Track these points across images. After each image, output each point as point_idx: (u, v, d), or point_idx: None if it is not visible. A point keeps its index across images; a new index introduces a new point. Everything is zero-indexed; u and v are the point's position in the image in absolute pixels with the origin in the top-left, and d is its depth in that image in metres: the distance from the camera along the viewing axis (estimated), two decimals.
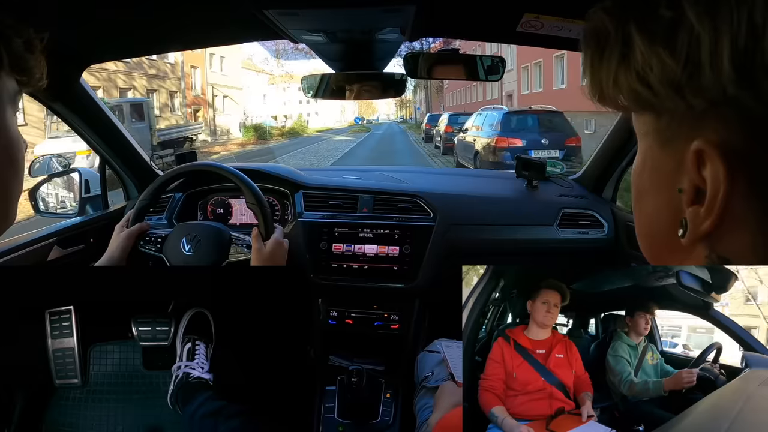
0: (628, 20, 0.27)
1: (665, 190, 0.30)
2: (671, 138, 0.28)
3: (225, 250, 1.11)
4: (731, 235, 0.27)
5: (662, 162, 0.29)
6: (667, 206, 0.30)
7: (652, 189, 0.31)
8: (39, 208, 1.38)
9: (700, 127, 0.26)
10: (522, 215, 1.36)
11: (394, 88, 1.23)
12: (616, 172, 1.40)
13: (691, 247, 0.29)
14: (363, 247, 1.29)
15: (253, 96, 38.05)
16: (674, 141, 0.28)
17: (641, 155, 0.32)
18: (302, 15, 0.85)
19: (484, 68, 1.12)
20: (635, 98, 0.28)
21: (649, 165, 0.31)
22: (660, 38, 0.26)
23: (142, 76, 17.47)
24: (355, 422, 1.20)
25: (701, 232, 0.27)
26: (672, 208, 0.29)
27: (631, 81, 0.27)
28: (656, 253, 0.33)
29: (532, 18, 0.88)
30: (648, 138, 0.31)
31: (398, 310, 1.35)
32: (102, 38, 0.99)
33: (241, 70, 30.56)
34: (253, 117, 34.46)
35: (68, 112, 1.22)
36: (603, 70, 0.29)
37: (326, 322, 1.36)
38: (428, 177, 1.70)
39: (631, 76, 0.27)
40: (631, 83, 0.27)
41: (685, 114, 0.27)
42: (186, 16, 0.91)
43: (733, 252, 0.27)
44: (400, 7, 0.82)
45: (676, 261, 0.31)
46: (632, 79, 0.27)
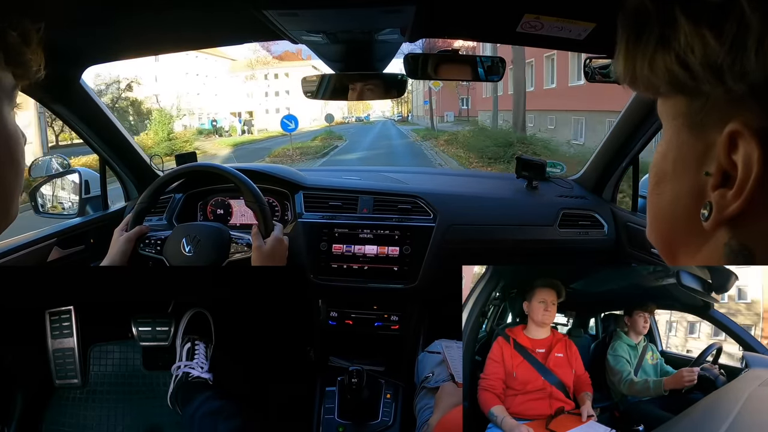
0: (673, 2, 0.28)
1: (690, 173, 0.30)
2: (702, 121, 0.29)
3: (225, 249, 1.11)
4: (755, 222, 0.27)
5: (690, 145, 0.30)
6: (690, 190, 0.30)
7: (675, 173, 0.31)
8: (39, 208, 1.38)
9: (736, 111, 0.27)
10: (522, 216, 1.36)
11: (394, 89, 1.23)
12: (616, 173, 1.40)
13: (711, 232, 0.29)
14: (363, 248, 1.29)
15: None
16: (706, 124, 0.29)
17: (667, 139, 0.32)
18: (302, 15, 0.85)
19: (484, 68, 1.12)
20: (671, 80, 0.28)
21: (675, 148, 0.31)
22: (706, 21, 0.26)
23: None
24: (355, 423, 1.20)
25: (727, 215, 0.28)
26: (695, 192, 0.30)
27: (669, 62, 0.28)
28: (672, 238, 0.33)
29: (532, 18, 0.88)
30: (677, 121, 0.31)
31: (398, 311, 1.35)
32: (102, 39, 0.99)
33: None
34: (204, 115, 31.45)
35: (68, 113, 1.22)
36: (639, 51, 0.29)
37: (326, 322, 1.36)
38: (428, 177, 1.70)
39: (670, 57, 0.28)
40: (669, 65, 0.28)
41: (720, 98, 0.27)
42: (186, 16, 0.91)
43: (755, 240, 0.28)
44: (400, 7, 0.82)
45: (693, 247, 0.31)
46: (671, 60, 0.28)
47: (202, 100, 35.38)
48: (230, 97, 40.72)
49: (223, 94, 39.55)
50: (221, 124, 33.78)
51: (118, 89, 25.28)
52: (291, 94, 42.91)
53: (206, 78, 37.64)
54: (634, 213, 1.34)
